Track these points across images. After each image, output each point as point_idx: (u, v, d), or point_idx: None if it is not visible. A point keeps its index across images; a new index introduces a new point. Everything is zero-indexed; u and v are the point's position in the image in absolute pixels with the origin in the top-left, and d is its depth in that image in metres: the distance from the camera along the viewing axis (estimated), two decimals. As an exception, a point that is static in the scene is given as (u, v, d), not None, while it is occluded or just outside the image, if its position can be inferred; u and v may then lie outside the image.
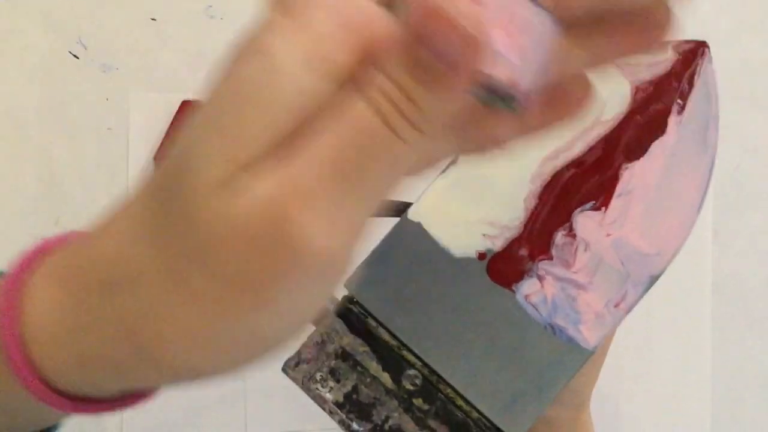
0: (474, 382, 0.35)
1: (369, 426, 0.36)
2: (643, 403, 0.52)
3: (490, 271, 0.36)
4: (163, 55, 0.53)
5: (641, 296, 0.36)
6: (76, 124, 0.52)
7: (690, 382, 0.52)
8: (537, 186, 0.36)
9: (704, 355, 0.52)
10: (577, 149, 0.36)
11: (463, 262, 0.36)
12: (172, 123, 0.51)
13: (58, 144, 0.52)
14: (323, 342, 0.36)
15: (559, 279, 0.36)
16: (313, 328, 0.36)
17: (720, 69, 0.54)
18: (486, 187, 0.37)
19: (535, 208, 0.36)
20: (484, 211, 0.36)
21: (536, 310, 0.36)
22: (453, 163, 0.37)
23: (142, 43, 0.53)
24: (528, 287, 0.36)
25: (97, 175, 0.52)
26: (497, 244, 0.36)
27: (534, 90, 0.22)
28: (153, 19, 0.53)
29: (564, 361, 0.35)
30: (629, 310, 0.36)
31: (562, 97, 0.25)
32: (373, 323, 0.36)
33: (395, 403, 0.36)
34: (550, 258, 0.36)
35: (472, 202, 0.36)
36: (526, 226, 0.36)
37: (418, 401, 0.36)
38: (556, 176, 0.36)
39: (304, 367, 0.36)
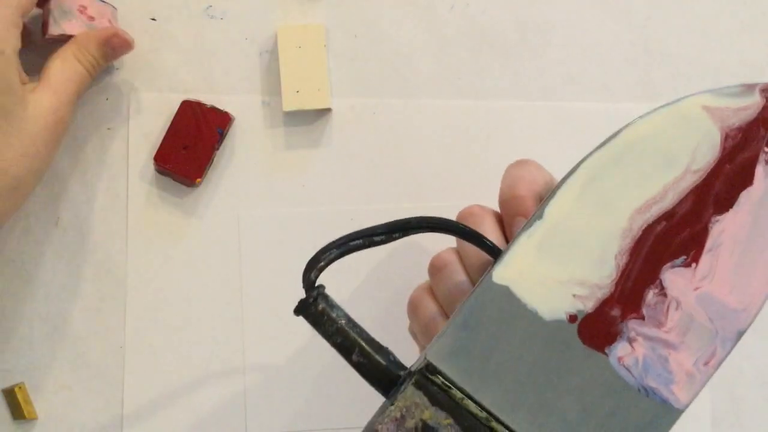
0: None
1: None
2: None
3: (582, 333, 0.34)
4: (163, 55, 0.53)
5: (729, 352, 0.35)
6: (76, 124, 0.52)
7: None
8: (628, 241, 0.35)
9: (704, 355, 0.52)
10: (668, 201, 0.35)
11: (553, 325, 0.34)
12: (172, 123, 0.51)
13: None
14: (402, 417, 0.34)
15: (649, 339, 0.34)
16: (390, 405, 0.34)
17: (720, 69, 0.55)
18: (575, 244, 0.35)
19: (626, 264, 0.35)
20: (575, 270, 0.35)
21: (629, 372, 0.34)
22: (538, 217, 0.35)
23: (142, 43, 0.53)
24: (621, 350, 0.34)
25: (97, 175, 0.52)
26: (588, 305, 0.35)
27: None
28: (153, 19, 0.53)
29: (657, 423, 0.34)
30: (718, 367, 0.35)
31: None
32: (458, 394, 0.34)
33: None
34: (642, 318, 0.34)
35: (560, 261, 0.35)
36: (617, 284, 0.35)
37: None
38: (647, 230, 0.35)
39: None
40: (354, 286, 0.52)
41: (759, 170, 0.35)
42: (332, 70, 0.53)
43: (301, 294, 0.52)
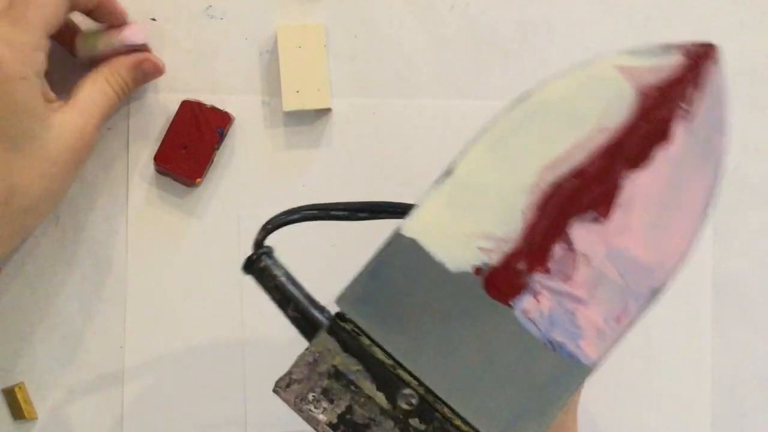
0: (472, 401, 0.34)
1: None
2: (643, 403, 0.52)
3: (487, 286, 0.35)
4: (163, 55, 0.53)
5: (643, 309, 0.35)
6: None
7: (690, 382, 0.52)
8: (536, 197, 0.35)
9: (704, 355, 0.52)
10: (578, 158, 0.35)
11: (458, 277, 0.35)
12: (172, 123, 0.51)
13: (58, 144, 0.52)
14: (315, 362, 0.35)
15: (556, 293, 0.35)
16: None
17: (720, 69, 0.55)
18: (482, 198, 0.35)
19: (533, 219, 0.35)
20: (480, 224, 0.35)
21: (535, 325, 0.34)
22: (448, 173, 0.36)
23: (142, 43, 0.53)
24: (526, 302, 0.35)
25: (97, 175, 0.52)
26: (494, 258, 0.35)
27: None
28: (153, 19, 0.53)
29: (565, 378, 0.34)
30: (631, 324, 0.35)
31: None
32: (366, 341, 0.35)
33: (391, 423, 0.35)
34: (548, 271, 0.35)
35: (467, 214, 0.35)
36: (524, 238, 0.35)
37: (414, 421, 0.34)
38: (556, 187, 0.35)
39: (295, 387, 0.35)
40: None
41: (678, 128, 0.35)
42: (332, 70, 0.53)
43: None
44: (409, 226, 0.36)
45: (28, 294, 0.51)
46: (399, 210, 0.39)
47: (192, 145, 0.51)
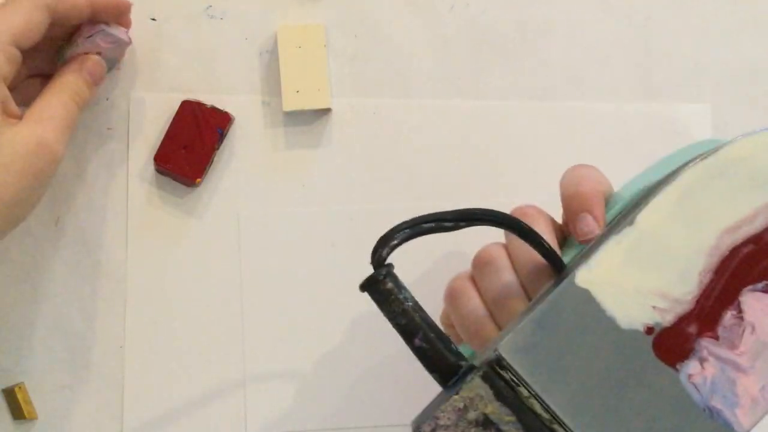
0: None
1: None
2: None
3: (656, 347, 0.34)
4: (163, 55, 0.53)
5: None
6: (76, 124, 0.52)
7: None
8: (714, 260, 0.34)
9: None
10: (758, 224, 0.35)
11: (628, 335, 0.34)
12: (172, 123, 0.51)
13: (58, 144, 0.52)
14: (465, 408, 0.33)
15: (721, 360, 0.34)
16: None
17: (720, 69, 0.55)
18: (662, 255, 0.35)
19: (709, 283, 0.34)
20: (658, 281, 0.34)
21: (698, 391, 0.34)
22: (629, 223, 0.35)
23: (142, 43, 0.53)
24: (692, 367, 0.34)
25: (97, 175, 0.52)
26: (667, 319, 0.34)
27: None
28: (153, 19, 0.53)
29: None
30: None
31: None
32: (525, 392, 0.34)
33: None
34: (717, 338, 0.34)
35: (646, 270, 0.34)
36: (697, 301, 0.34)
37: None
38: (734, 251, 0.35)
39: None
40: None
41: None
42: (332, 70, 0.53)
43: (299, 293, 0.52)
44: (583, 276, 0.34)
45: (28, 294, 0.51)
46: (495, 219, 0.38)
47: (192, 145, 0.51)
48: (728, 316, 0.34)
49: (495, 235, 0.42)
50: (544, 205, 0.43)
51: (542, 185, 0.52)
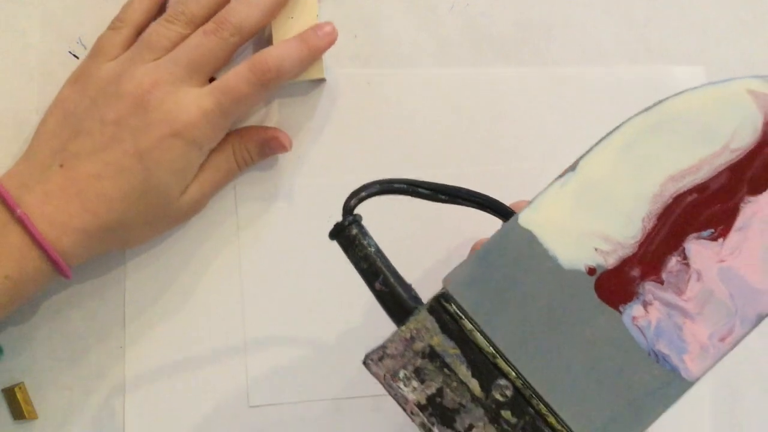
0: (569, 401, 0.34)
1: None
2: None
3: (599, 288, 0.35)
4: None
5: (746, 333, 0.35)
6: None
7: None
8: (658, 206, 0.35)
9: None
10: (703, 174, 0.35)
11: (570, 275, 0.35)
12: None
13: (58, 144, 0.52)
14: (411, 339, 0.35)
15: (667, 305, 0.34)
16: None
17: (720, 69, 0.55)
18: (605, 200, 0.35)
19: (653, 229, 0.35)
20: (601, 225, 0.35)
21: (642, 334, 0.34)
22: (571, 169, 0.36)
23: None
24: (636, 310, 0.34)
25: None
26: (609, 261, 0.35)
27: None
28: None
29: (665, 391, 0.34)
30: (733, 345, 0.35)
31: None
32: (468, 325, 0.35)
33: (481, 411, 0.34)
34: (661, 282, 0.35)
35: (588, 213, 0.35)
36: (641, 246, 0.35)
37: (506, 414, 0.34)
38: (678, 199, 0.35)
39: (388, 362, 0.35)
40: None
41: None
42: (332, 70, 0.53)
43: (298, 269, 0.52)
44: (527, 217, 0.35)
45: (28, 294, 0.51)
46: (478, 200, 0.39)
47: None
48: (673, 262, 0.35)
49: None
50: (539, 170, 0.43)
51: (539, 151, 0.53)
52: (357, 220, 0.38)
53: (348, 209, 0.38)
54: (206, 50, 0.47)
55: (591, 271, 0.35)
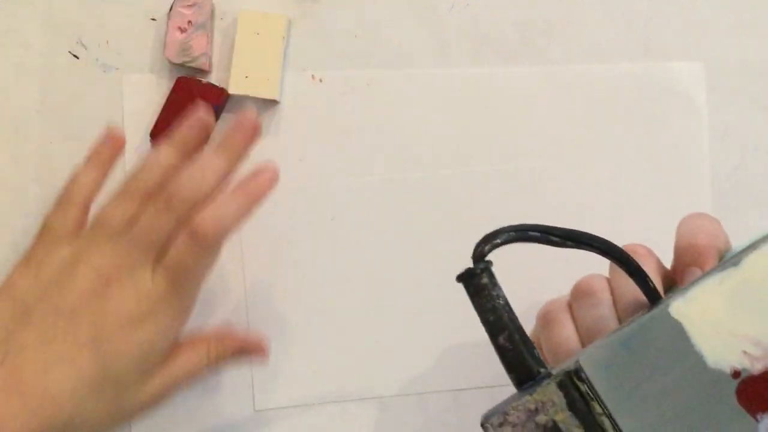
0: None
1: None
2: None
3: (740, 392, 0.33)
4: (164, 55, 0.53)
5: None
6: (76, 124, 0.52)
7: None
8: None
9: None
10: None
11: (714, 375, 0.33)
12: (167, 100, 0.51)
13: (58, 144, 0.52)
14: (536, 410, 0.34)
15: None
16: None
17: (720, 69, 0.55)
18: (763, 303, 0.34)
19: None
20: (755, 328, 0.33)
21: None
22: (733, 264, 0.34)
23: (142, 43, 0.53)
24: None
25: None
26: (756, 366, 0.33)
27: None
28: (153, 19, 0.53)
29: None
30: None
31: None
32: (598, 408, 0.33)
33: None
34: None
35: (744, 314, 0.34)
36: None
37: None
38: None
39: (507, 429, 0.34)
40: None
41: None
42: (332, 69, 0.53)
43: (301, 270, 0.52)
44: (678, 308, 0.34)
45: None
46: (604, 249, 0.38)
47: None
48: None
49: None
50: (540, 170, 0.42)
51: (539, 151, 0.53)
52: (488, 268, 0.36)
53: (480, 255, 0.36)
54: (160, 230, 0.44)
55: (736, 374, 0.33)
